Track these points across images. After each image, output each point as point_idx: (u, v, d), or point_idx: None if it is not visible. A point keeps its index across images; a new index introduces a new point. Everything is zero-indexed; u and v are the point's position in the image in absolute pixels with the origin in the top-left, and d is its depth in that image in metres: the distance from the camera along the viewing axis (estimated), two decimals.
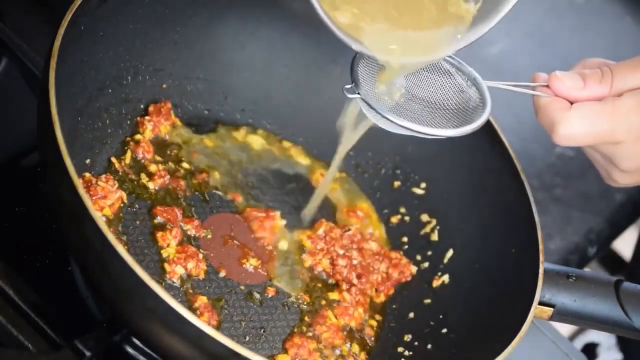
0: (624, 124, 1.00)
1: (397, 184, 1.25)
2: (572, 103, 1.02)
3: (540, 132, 1.53)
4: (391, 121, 1.01)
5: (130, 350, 1.03)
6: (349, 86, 1.03)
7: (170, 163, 1.16)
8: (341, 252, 1.16)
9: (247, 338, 1.07)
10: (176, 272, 1.07)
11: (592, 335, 1.93)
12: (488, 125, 1.16)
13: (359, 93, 1.02)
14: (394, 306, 1.18)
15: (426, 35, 1.00)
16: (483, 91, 1.04)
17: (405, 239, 1.22)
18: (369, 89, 1.04)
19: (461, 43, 1.01)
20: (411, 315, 1.17)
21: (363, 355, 1.12)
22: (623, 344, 1.90)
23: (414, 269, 1.19)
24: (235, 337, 1.06)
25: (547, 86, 1.03)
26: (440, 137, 1.03)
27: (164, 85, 1.19)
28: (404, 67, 1.03)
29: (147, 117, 1.17)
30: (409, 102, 1.05)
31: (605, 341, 1.91)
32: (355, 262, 1.16)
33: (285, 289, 1.13)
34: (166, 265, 1.07)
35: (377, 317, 1.16)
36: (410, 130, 1.01)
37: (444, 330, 1.14)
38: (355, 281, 1.15)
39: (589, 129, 1.01)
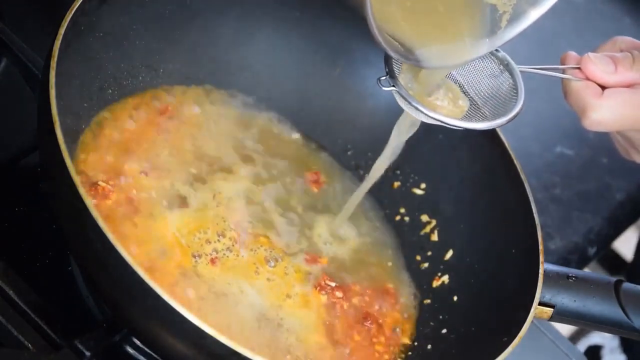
0: None
1: (397, 184, 1.25)
2: (601, 86, 1.02)
3: (540, 131, 1.53)
4: (426, 114, 1.01)
5: (130, 350, 1.03)
6: (383, 77, 1.02)
7: None
8: (332, 284, 1.15)
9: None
10: None
11: (596, 338, 1.93)
12: None
13: (394, 85, 1.01)
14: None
15: (466, 39, 1.00)
16: (516, 77, 1.04)
17: (405, 240, 1.22)
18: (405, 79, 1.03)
19: (502, 39, 1.01)
20: None
21: None
22: (626, 346, 1.90)
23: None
24: None
25: (578, 68, 1.03)
26: (475, 130, 1.02)
27: (164, 86, 1.19)
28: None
29: None
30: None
31: (609, 343, 1.91)
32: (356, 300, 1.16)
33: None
34: None
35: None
36: (446, 124, 1.01)
37: (444, 331, 1.14)
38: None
39: (619, 117, 1.02)
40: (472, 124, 1.02)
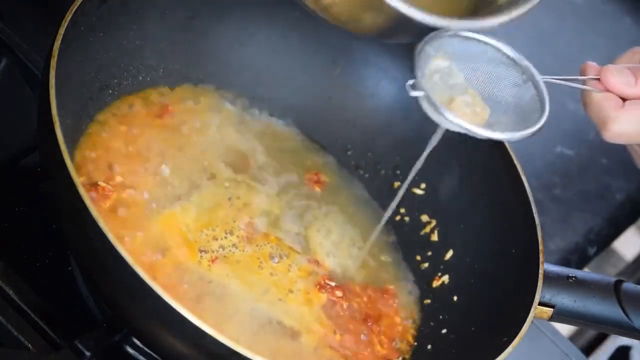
0: None
1: (397, 184, 1.25)
2: (622, 98, 1.02)
3: (539, 131, 1.53)
4: (451, 121, 0.99)
5: (130, 350, 1.03)
6: (411, 82, 0.99)
7: None
8: (332, 283, 1.15)
9: None
10: None
11: (624, 339, 1.92)
12: None
13: (422, 90, 0.98)
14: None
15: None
16: (540, 88, 1.02)
17: (405, 240, 1.22)
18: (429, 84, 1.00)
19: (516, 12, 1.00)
20: None
21: None
22: None
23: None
24: None
25: (598, 79, 1.03)
26: (499, 140, 1.01)
27: (164, 86, 1.20)
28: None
29: None
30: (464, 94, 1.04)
31: (638, 345, 1.90)
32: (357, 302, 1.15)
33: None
34: None
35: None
36: (470, 132, 0.99)
37: (444, 331, 1.14)
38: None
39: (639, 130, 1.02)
40: (496, 134, 1.00)
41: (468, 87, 1.04)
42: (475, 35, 1.02)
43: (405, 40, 1.13)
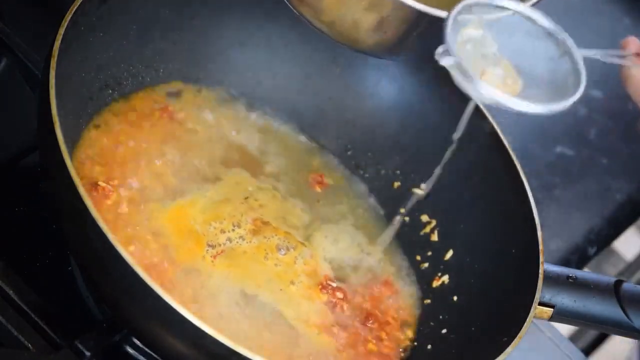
0: None
1: (397, 184, 1.25)
2: None
3: (540, 131, 1.53)
4: (485, 92, 0.95)
5: (130, 350, 1.03)
6: (440, 50, 0.95)
7: None
8: (334, 284, 1.15)
9: None
10: None
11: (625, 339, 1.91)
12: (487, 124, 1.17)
13: (454, 57, 0.94)
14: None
15: None
16: (576, 61, 1.00)
17: (405, 240, 1.22)
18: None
19: None
20: None
21: None
22: None
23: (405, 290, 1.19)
24: None
25: (638, 55, 1.03)
26: (530, 113, 0.96)
27: (164, 86, 1.20)
28: None
29: None
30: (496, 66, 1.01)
31: None
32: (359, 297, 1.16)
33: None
34: None
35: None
36: (503, 104, 0.95)
37: (444, 331, 1.14)
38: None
39: None
40: (531, 106, 0.95)
41: (501, 58, 1.01)
42: (511, 5, 1.00)
43: (399, 58, 1.13)
